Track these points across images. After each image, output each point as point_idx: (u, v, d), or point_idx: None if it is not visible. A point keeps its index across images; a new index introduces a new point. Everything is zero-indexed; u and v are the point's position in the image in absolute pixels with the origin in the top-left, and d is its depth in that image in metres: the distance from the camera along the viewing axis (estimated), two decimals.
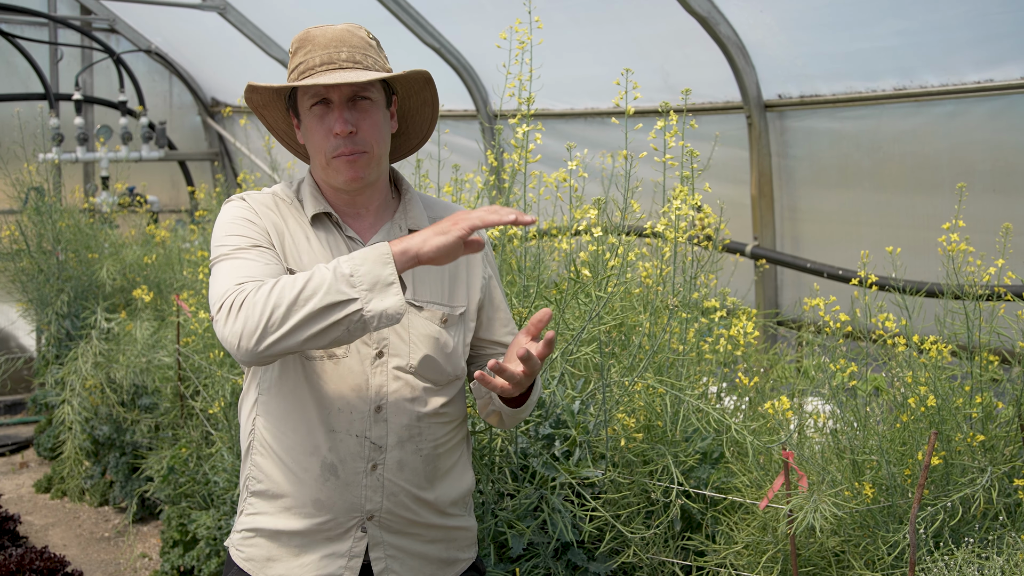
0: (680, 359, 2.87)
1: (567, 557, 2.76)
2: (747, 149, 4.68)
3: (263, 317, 1.77)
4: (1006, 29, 3.73)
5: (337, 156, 2.01)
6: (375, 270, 1.78)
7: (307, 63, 2.01)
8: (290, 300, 1.76)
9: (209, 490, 4.19)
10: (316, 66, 1.99)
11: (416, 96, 2.17)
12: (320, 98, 2.01)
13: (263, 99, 2.11)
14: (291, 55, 2.06)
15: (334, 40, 2.01)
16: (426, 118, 2.22)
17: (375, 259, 1.79)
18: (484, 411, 2.20)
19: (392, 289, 1.78)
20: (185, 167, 8.43)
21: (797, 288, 4.77)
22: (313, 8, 6.48)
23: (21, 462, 6.28)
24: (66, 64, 7.91)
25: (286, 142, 2.22)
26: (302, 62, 2.02)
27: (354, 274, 1.77)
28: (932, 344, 2.54)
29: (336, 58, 2.00)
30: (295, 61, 2.04)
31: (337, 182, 2.05)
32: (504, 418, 2.17)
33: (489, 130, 5.97)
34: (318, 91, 2.00)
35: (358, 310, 1.77)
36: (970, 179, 3.92)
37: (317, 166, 2.08)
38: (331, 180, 2.06)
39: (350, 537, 2.05)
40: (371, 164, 2.05)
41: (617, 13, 4.86)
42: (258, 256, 1.94)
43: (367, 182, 2.07)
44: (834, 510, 2.27)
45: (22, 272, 5.74)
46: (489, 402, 2.15)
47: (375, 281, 1.78)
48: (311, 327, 1.77)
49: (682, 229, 2.79)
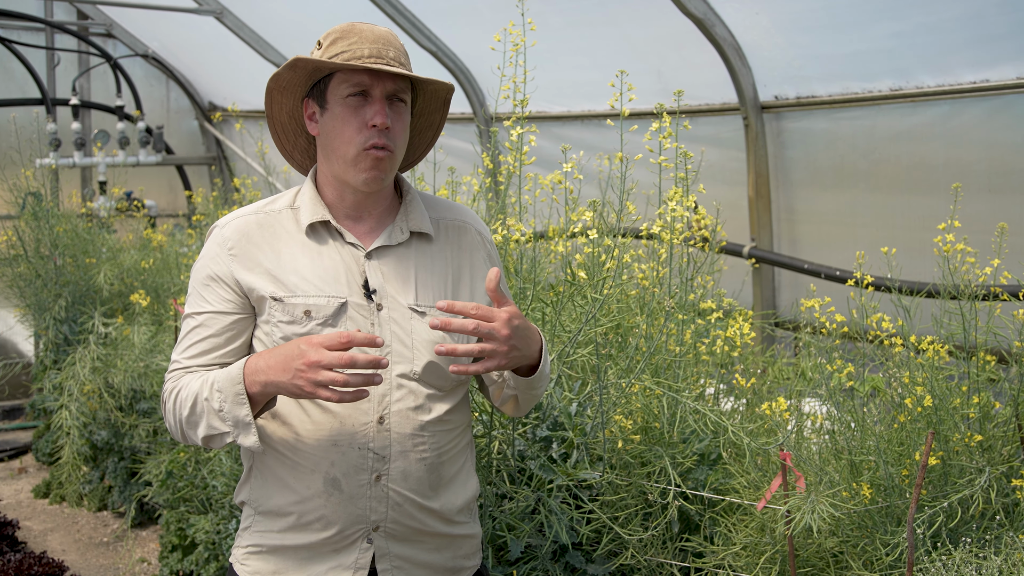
0: (677, 361, 2.87)
1: (565, 559, 2.76)
2: (744, 150, 4.69)
3: (175, 429, 2.06)
4: (1002, 30, 3.74)
5: (368, 148, 1.99)
6: (235, 411, 1.95)
7: (354, 52, 1.97)
8: (184, 420, 2.01)
9: (207, 494, 4.18)
10: (365, 56, 1.97)
11: (425, 117, 2.18)
12: (361, 89, 1.99)
13: (292, 79, 2.04)
14: (328, 44, 2.01)
15: (381, 38, 2.01)
16: (425, 141, 2.23)
17: (233, 399, 1.95)
18: (499, 400, 2.16)
19: (250, 430, 1.95)
20: (183, 171, 8.44)
21: (794, 289, 4.78)
22: (310, 13, 6.48)
23: (19, 467, 6.28)
24: (63, 69, 7.91)
25: (278, 135, 2.16)
26: (346, 51, 1.98)
27: (222, 409, 1.96)
28: (929, 344, 2.54)
29: (384, 55, 1.99)
30: (334, 49, 1.99)
31: (358, 180, 2.02)
32: (520, 399, 2.13)
33: (485, 133, 5.97)
34: (362, 81, 1.98)
35: (233, 441, 1.98)
36: (966, 179, 3.93)
37: (338, 159, 2.03)
38: (352, 177, 2.02)
39: (356, 548, 2.03)
40: (392, 166, 2.04)
41: (613, 15, 4.86)
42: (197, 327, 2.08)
43: (383, 184, 2.05)
44: (832, 511, 2.27)
45: (20, 277, 5.74)
46: (503, 387, 2.11)
47: (236, 420, 1.95)
48: (206, 446, 2.03)
49: (678, 231, 2.79)
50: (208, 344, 2.06)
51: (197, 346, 2.06)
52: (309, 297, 2.01)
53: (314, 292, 2.01)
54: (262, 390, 1.91)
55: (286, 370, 1.86)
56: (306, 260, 2.04)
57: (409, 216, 2.12)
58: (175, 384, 2.05)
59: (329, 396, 1.83)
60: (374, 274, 2.05)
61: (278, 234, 2.06)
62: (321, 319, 2.00)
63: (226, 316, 2.05)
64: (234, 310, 2.05)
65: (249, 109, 7.48)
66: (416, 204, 2.15)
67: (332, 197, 2.09)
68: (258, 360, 1.93)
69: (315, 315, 2.00)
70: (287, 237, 2.06)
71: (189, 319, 2.09)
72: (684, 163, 2.73)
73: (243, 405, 1.93)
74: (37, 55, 7.72)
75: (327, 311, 2.00)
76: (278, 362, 1.88)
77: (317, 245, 2.06)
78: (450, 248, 2.15)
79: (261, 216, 2.09)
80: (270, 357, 1.90)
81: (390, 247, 2.09)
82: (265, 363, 1.91)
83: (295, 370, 1.84)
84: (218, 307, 2.06)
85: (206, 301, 2.07)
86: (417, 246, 2.12)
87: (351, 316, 2.01)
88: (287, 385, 1.87)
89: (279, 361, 1.88)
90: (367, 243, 2.08)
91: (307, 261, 2.04)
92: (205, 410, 1.96)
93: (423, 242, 2.13)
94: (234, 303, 2.05)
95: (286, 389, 1.88)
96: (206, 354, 2.06)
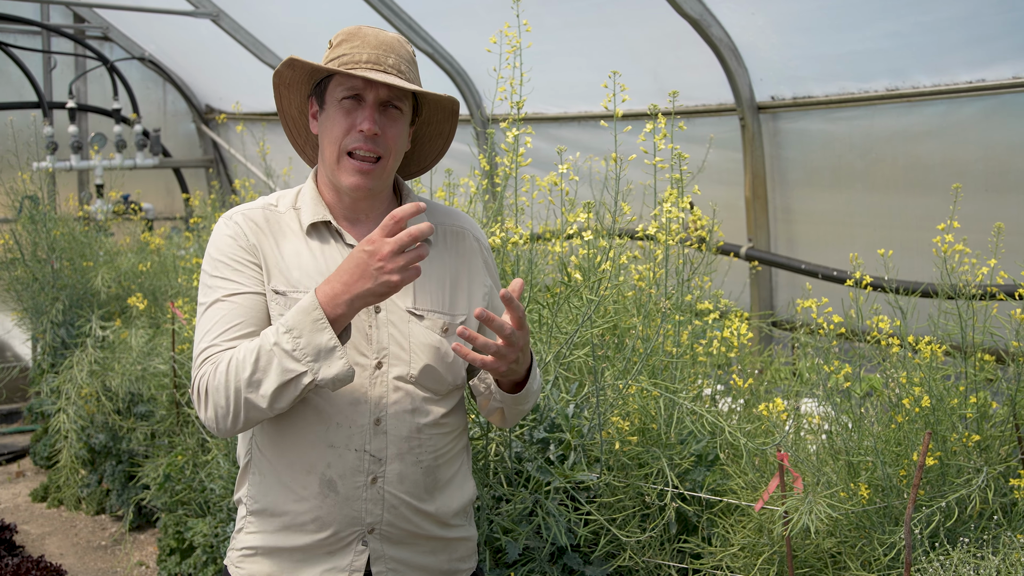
0: (674, 362, 2.87)
1: (563, 561, 2.75)
2: (740, 151, 4.69)
3: (228, 405, 1.88)
4: (997, 30, 3.74)
5: (351, 153, 2.00)
6: (314, 339, 1.84)
7: (353, 56, 1.99)
8: (245, 383, 1.85)
9: (205, 497, 4.18)
10: (362, 62, 1.99)
11: (434, 126, 2.18)
12: (355, 93, 2.00)
13: (294, 77, 2.07)
14: (335, 44, 2.04)
15: (384, 44, 2.02)
16: (435, 149, 2.23)
17: (311, 327, 1.84)
18: (485, 410, 2.18)
19: (336, 354, 1.84)
20: (180, 174, 8.43)
21: (792, 289, 4.78)
22: (307, 15, 6.48)
23: (17, 471, 6.27)
24: (60, 72, 7.91)
25: (290, 129, 2.20)
26: (346, 54, 2.00)
27: (295, 348, 1.84)
28: (926, 344, 2.54)
29: (383, 61, 2.00)
30: (338, 51, 2.02)
31: (342, 184, 2.03)
32: (506, 412, 2.14)
33: (482, 134, 5.97)
34: (356, 85, 1.99)
35: (311, 381, 1.85)
36: (963, 179, 3.93)
37: (326, 160, 2.05)
38: (337, 179, 2.04)
39: (351, 551, 2.03)
40: (381, 174, 2.04)
41: (609, 16, 4.86)
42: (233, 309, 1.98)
43: (371, 192, 2.06)
44: (829, 511, 2.27)
45: (17, 281, 5.73)
46: (489, 398, 2.13)
47: (317, 350, 1.84)
48: (273, 404, 1.87)
49: (673, 231, 2.79)
50: (248, 325, 1.96)
51: (237, 328, 1.95)
52: None
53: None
54: (348, 310, 1.84)
55: (366, 276, 1.81)
56: (308, 257, 2.05)
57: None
58: (214, 362, 1.91)
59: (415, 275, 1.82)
60: None
61: (282, 230, 2.08)
62: None
63: (261, 297, 2.00)
64: (264, 291, 2.01)
65: (247, 111, 7.47)
66: None
67: (331, 198, 2.11)
68: (328, 286, 1.85)
69: None
70: (291, 234, 2.07)
71: (219, 304, 1.98)
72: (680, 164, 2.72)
73: (324, 330, 1.83)
74: (33, 58, 7.72)
75: None
76: (352, 276, 1.83)
77: (319, 244, 2.07)
78: (448, 253, 2.16)
79: (267, 212, 2.10)
80: (341, 277, 1.84)
81: None
82: (340, 284, 1.84)
83: (375, 270, 1.80)
84: (252, 287, 2.00)
85: (235, 282, 1.99)
86: None
87: None
88: (376, 288, 1.82)
89: (352, 275, 1.83)
90: None
91: (309, 258, 2.05)
92: (275, 355, 1.84)
93: None
94: (262, 284, 2.01)
95: (376, 292, 1.82)
96: (248, 334, 1.96)
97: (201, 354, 1.95)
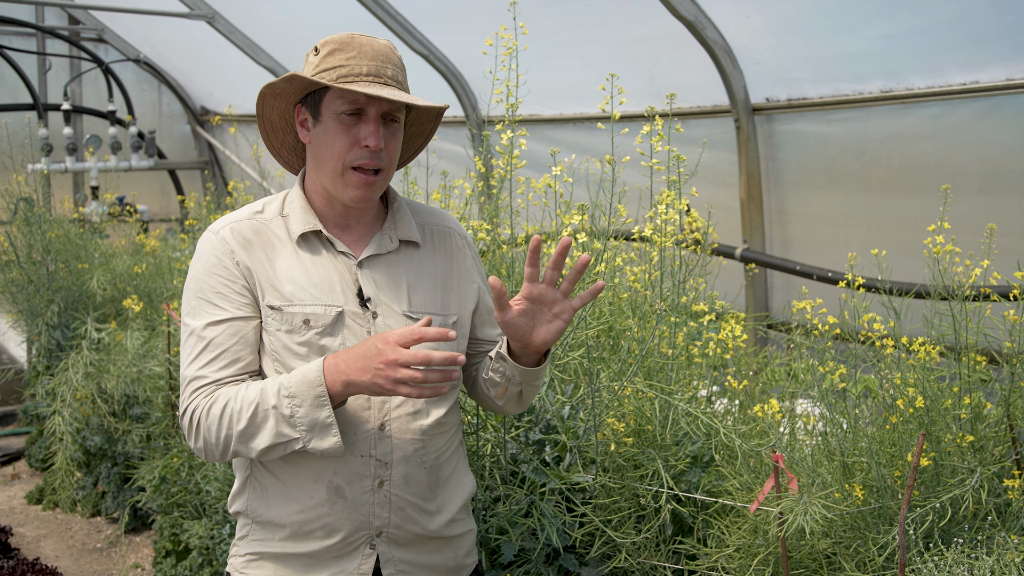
0: (669, 363, 2.87)
1: (558, 562, 2.76)
2: (736, 153, 4.69)
3: (218, 445, 1.94)
4: (991, 32, 3.75)
5: (357, 167, 1.99)
6: (313, 413, 1.88)
7: (352, 69, 1.97)
8: (237, 435, 1.91)
9: (201, 499, 4.18)
10: (363, 75, 1.97)
11: (418, 127, 2.19)
12: (357, 108, 1.98)
13: (287, 88, 2.03)
14: (325, 54, 1.99)
15: (380, 54, 2.00)
16: (413, 147, 2.24)
17: (312, 401, 1.87)
18: (502, 400, 2.15)
19: (330, 432, 1.90)
20: (175, 176, 8.42)
21: (787, 290, 4.78)
22: (302, 17, 6.48)
23: (12, 473, 6.26)
24: (55, 74, 7.90)
25: (266, 132, 2.15)
26: (343, 65, 1.97)
27: (293, 416, 1.89)
28: (920, 345, 2.54)
29: (383, 73, 1.99)
30: (334, 61, 1.98)
31: (345, 196, 2.02)
32: (524, 393, 2.13)
33: (477, 136, 5.97)
34: (358, 99, 1.97)
35: (301, 447, 1.92)
36: (957, 180, 3.94)
37: (326, 173, 2.02)
38: (339, 192, 2.03)
39: (359, 555, 2.05)
40: (383, 185, 2.05)
41: (605, 18, 4.87)
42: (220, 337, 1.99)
43: (372, 201, 2.07)
44: (824, 512, 2.27)
45: (12, 283, 5.72)
46: (507, 386, 2.11)
47: (314, 423, 1.89)
48: (261, 456, 1.94)
49: (669, 233, 2.79)
50: (234, 354, 1.98)
51: (224, 357, 1.97)
52: (306, 306, 2.01)
53: (311, 301, 2.01)
54: (343, 391, 1.88)
55: (365, 370, 1.84)
56: (300, 269, 2.03)
57: (397, 224, 2.14)
58: (209, 399, 1.94)
59: (409, 392, 1.82)
60: (367, 282, 2.06)
61: (271, 242, 2.06)
62: (320, 328, 2.00)
63: (249, 321, 2.00)
64: (253, 314, 2.01)
65: (242, 113, 7.47)
66: (403, 212, 2.16)
67: (321, 205, 2.09)
68: (335, 361, 1.89)
69: (314, 324, 2.00)
70: (280, 245, 2.06)
71: (207, 329, 1.98)
72: (676, 166, 2.73)
73: (324, 407, 1.88)
74: (28, 60, 7.71)
75: (325, 320, 2.01)
76: (356, 362, 1.85)
77: (309, 254, 2.05)
78: (437, 254, 2.17)
79: (254, 222, 2.07)
80: (347, 357, 1.87)
81: (380, 255, 2.10)
82: (345, 364, 1.87)
83: (374, 369, 1.82)
84: (239, 312, 2.00)
85: (222, 308, 1.99)
86: (406, 253, 2.14)
87: (348, 325, 2.02)
88: (367, 384, 1.84)
89: (358, 361, 1.85)
90: (357, 252, 2.09)
91: (301, 270, 2.03)
92: (271, 418, 1.89)
93: (411, 249, 2.15)
94: (251, 306, 2.01)
95: (366, 388, 1.86)
96: (235, 364, 1.98)
97: (190, 383, 1.98)
